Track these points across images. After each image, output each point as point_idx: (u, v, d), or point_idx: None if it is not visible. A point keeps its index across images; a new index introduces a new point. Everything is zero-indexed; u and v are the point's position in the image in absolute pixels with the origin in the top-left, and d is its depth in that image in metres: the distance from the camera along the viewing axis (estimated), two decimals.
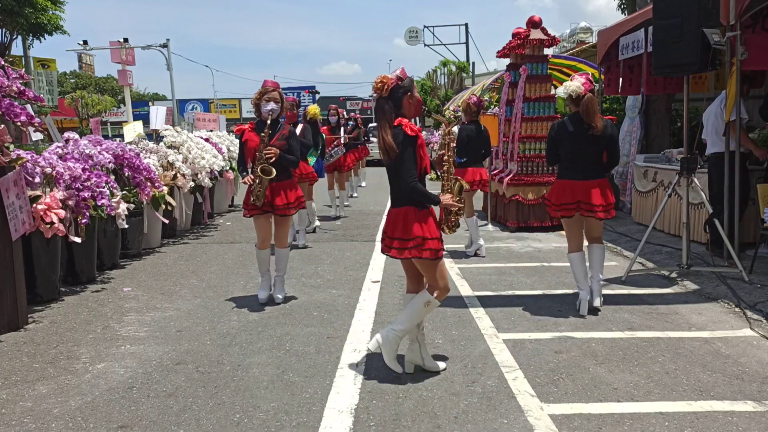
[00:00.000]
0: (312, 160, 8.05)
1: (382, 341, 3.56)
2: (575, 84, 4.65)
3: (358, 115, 16.85)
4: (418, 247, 3.42)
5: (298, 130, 6.60)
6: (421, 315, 3.56)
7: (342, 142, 10.15)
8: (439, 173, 3.80)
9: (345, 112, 12.87)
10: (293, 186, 5.23)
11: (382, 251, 3.66)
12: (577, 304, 4.81)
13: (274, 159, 4.93)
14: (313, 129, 8.48)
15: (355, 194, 13.88)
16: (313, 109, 8.65)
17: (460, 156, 6.75)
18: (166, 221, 7.68)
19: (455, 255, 7.03)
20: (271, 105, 4.95)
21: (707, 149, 6.43)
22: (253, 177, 4.97)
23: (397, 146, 3.40)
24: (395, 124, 3.45)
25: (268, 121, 4.95)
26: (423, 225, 3.46)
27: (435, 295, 3.51)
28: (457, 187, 3.72)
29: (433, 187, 3.88)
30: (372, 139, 23.25)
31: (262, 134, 4.95)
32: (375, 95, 3.54)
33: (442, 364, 3.72)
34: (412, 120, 3.63)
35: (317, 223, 9.00)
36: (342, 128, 10.54)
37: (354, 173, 13.85)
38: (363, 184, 16.27)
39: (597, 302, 4.78)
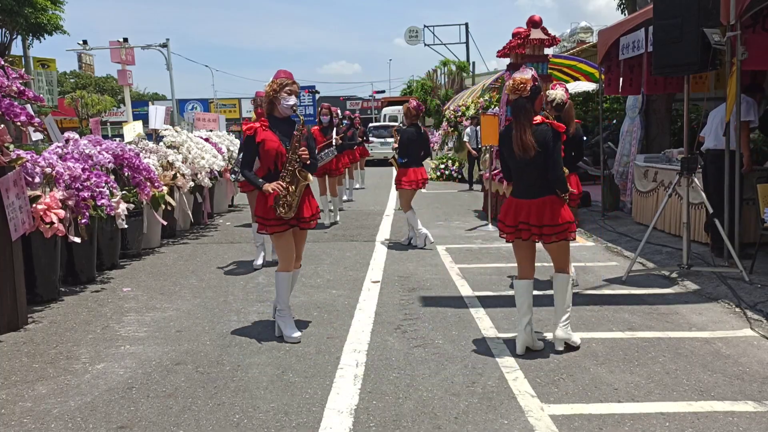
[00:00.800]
0: None
1: (564, 337, 3.93)
2: (560, 92, 5.05)
3: (356, 114, 16.18)
4: (565, 231, 3.83)
5: None
6: (571, 294, 4.01)
7: (334, 143, 9.10)
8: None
9: (339, 111, 11.88)
10: (311, 193, 4.45)
11: (524, 238, 3.88)
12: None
13: (308, 161, 4.28)
14: None
15: (351, 198, 12.87)
16: None
17: (402, 157, 7.37)
18: (164, 223, 7.67)
19: (455, 255, 7.02)
20: (293, 99, 4.20)
21: (705, 144, 6.41)
22: (283, 184, 4.13)
23: (546, 142, 3.74)
24: (539, 122, 3.78)
25: (300, 118, 4.25)
26: (566, 211, 3.87)
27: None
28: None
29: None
30: (372, 139, 23.25)
31: (295, 132, 4.21)
32: (513, 95, 3.82)
33: (540, 344, 3.97)
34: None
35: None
36: (335, 128, 9.46)
37: (349, 175, 12.91)
38: (358, 186, 15.18)
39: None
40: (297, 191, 4.21)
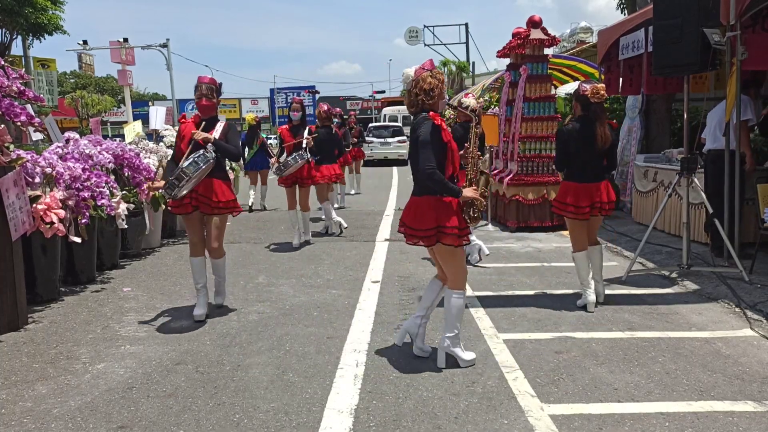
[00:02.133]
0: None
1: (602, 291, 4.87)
2: (472, 100, 5.97)
3: (352, 113, 15.35)
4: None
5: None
6: None
7: (304, 144, 7.36)
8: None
9: (327, 107, 9.55)
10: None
11: (595, 215, 4.77)
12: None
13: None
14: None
15: (343, 204, 11.65)
16: (249, 116, 10.57)
17: (314, 155, 7.66)
18: (151, 228, 7.57)
19: None
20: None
21: (706, 146, 6.43)
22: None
23: (612, 137, 4.73)
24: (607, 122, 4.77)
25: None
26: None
27: None
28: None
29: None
30: (372, 139, 23.21)
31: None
32: (595, 100, 4.63)
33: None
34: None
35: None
36: (306, 128, 7.61)
37: (340, 180, 11.17)
38: (354, 191, 13.74)
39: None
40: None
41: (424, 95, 3.60)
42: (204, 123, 4.74)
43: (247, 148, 11.01)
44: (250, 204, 11.21)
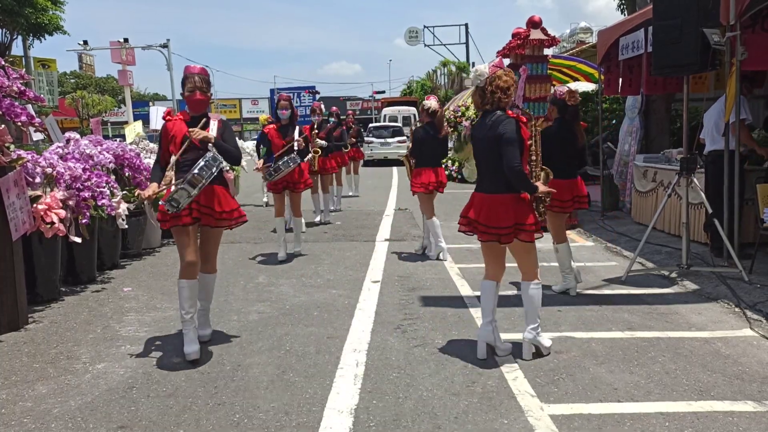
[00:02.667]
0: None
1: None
2: (433, 102, 6.72)
3: (350, 112, 14.62)
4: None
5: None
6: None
7: (295, 147, 6.78)
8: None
9: (322, 106, 9.90)
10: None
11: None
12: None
13: None
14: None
15: (338, 207, 11.16)
16: (263, 117, 10.46)
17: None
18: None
19: (455, 255, 7.03)
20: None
21: (705, 148, 6.43)
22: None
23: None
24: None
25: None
26: None
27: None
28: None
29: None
30: (372, 139, 23.21)
31: None
32: (572, 103, 5.01)
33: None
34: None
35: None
36: (296, 128, 6.98)
37: (337, 181, 11.10)
38: (351, 193, 13.30)
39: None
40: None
41: (501, 93, 3.68)
42: (203, 120, 4.07)
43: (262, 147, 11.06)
44: (265, 201, 11.82)
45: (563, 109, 5.11)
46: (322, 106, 9.80)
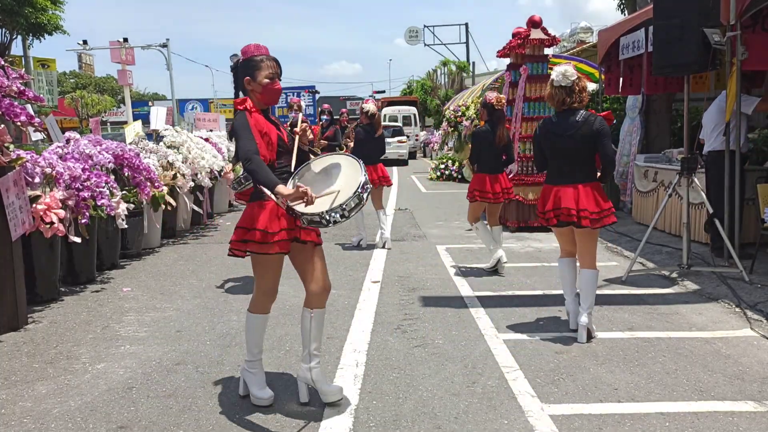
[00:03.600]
0: None
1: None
2: (372, 106, 7.48)
3: (344, 111, 12.92)
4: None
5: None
6: None
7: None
8: None
9: (302, 102, 9.04)
10: None
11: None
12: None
13: None
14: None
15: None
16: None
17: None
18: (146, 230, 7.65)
19: (455, 255, 7.02)
20: None
21: (705, 147, 6.42)
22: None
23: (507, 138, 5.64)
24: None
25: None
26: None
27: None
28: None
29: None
30: None
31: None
32: (498, 107, 5.66)
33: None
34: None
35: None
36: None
37: None
38: None
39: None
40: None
41: (586, 94, 4.12)
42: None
43: None
44: None
45: (492, 113, 5.93)
46: (302, 102, 8.89)
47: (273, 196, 2.88)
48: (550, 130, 4.18)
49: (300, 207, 2.87)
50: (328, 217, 2.87)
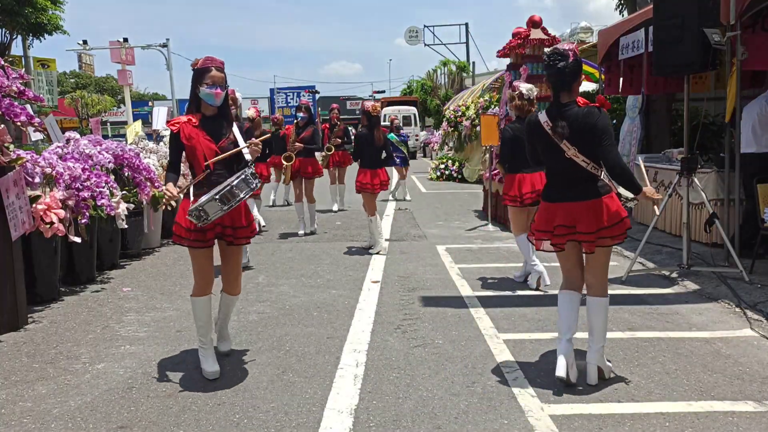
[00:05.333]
0: None
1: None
2: (252, 111, 7.78)
3: (335, 106, 11.35)
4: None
5: None
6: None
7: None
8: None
9: (238, 93, 6.34)
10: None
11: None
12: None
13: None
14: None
15: (313, 228, 8.68)
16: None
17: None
18: (149, 228, 7.66)
19: (455, 255, 7.03)
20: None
21: (743, 148, 5.92)
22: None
23: (384, 139, 5.59)
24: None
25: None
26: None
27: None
28: None
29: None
30: None
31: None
32: (374, 114, 5.81)
33: None
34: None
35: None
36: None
37: (308, 197, 8.50)
38: (336, 207, 10.98)
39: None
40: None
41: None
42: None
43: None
44: (273, 199, 12.00)
45: (369, 119, 7.14)
46: (237, 94, 6.85)
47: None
48: (518, 135, 5.11)
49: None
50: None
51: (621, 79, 8.68)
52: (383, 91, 52.81)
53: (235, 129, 3.70)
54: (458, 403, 3.25)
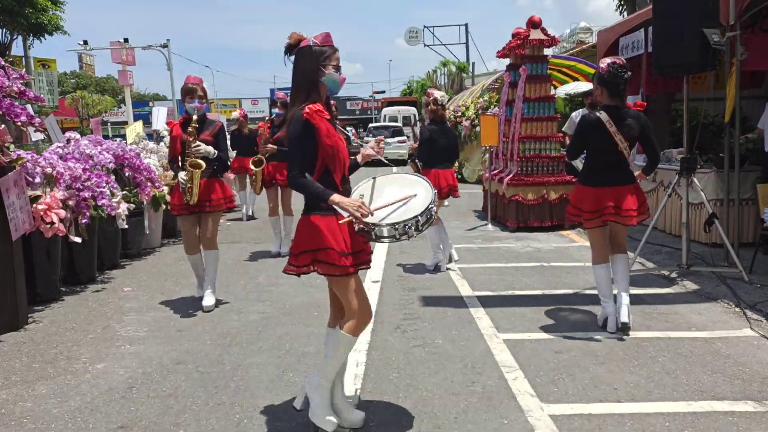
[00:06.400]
0: None
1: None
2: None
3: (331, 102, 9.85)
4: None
5: None
6: None
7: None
8: None
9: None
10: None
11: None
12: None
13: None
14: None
15: (278, 249, 7.28)
16: None
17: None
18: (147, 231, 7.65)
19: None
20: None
21: (766, 146, 6.05)
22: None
23: None
24: None
25: (194, 117, 4.87)
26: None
27: None
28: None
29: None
30: (371, 139, 23.15)
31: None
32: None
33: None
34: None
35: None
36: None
37: (285, 210, 7.29)
38: (275, 249, 7.90)
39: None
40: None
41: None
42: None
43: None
44: (246, 212, 10.41)
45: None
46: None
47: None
48: (433, 136, 6.08)
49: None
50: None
51: None
52: (383, 92, 52.80)
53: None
54: (458, 403, 3.26)
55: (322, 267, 2.80)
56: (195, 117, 4.88)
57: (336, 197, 2.73)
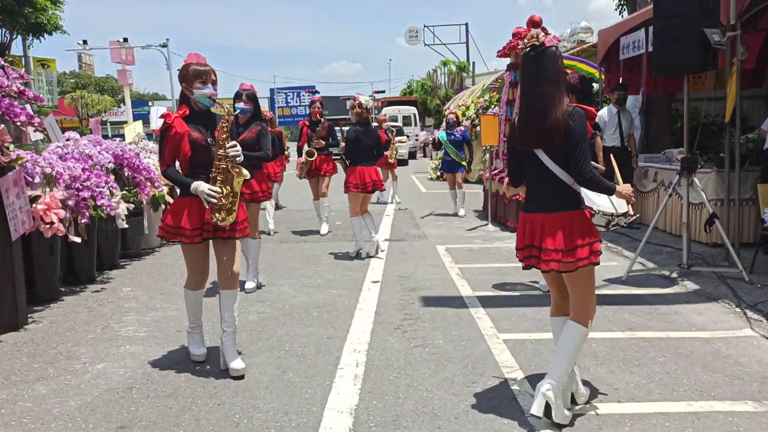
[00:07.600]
0: None
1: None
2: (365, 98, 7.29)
3: (315, 97, 9.62)
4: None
5: None
6: None
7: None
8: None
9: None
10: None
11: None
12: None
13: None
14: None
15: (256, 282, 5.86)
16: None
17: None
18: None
19: (455, 255, 7.02)
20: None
21: None
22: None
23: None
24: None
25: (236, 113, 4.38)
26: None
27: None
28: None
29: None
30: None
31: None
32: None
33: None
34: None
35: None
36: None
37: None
38: (324, 230, 8.71)
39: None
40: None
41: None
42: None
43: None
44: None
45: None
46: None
47: None
48: (358, 136, 6.74)
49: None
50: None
51: (621, 79, 8.68)
52: (383, 91, 52.70)
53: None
54: (458, 403, 3.25)
55: None
56: (236, 113, 4.09)
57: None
